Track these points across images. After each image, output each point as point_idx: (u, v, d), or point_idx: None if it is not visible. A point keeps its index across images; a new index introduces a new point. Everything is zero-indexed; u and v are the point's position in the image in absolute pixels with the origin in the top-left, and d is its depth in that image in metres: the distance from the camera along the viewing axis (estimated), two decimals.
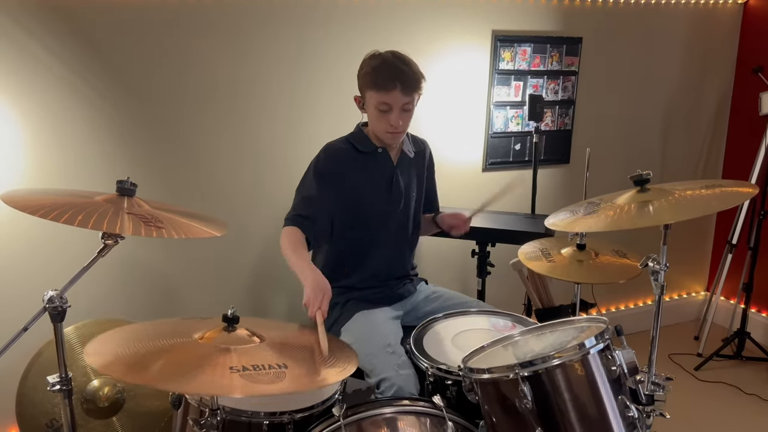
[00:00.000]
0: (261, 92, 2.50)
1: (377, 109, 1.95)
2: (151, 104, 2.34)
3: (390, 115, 1.95)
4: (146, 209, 1.53)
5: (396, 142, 2.09)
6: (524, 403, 1.38)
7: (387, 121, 1.96)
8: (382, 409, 1.53)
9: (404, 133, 2.06)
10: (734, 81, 3.59)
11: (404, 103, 1.94)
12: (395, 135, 2.01)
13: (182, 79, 2.37)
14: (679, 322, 3.81)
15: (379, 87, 1.92)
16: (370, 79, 1.94)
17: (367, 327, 1.99)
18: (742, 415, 2.87)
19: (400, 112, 1.94)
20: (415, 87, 1.95)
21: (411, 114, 2.00)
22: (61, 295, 1.42)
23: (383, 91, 1.92)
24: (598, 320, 1.56)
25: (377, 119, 1.98)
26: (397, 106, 1.93)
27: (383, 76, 1.92)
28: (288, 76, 2.53)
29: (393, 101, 1.92)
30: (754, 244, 3.27)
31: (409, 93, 1.93)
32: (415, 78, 1.95)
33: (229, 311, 1.44)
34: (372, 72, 1.94)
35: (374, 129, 2.04)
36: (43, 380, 1.51)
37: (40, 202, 1.42)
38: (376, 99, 1.94)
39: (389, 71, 1.92)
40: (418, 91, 1.98)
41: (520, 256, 2.13)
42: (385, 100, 1.93)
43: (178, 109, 2.39)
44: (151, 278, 2.47)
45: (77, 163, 2.28)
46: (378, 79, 1.92)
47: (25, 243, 2.25)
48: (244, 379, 1.22)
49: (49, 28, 2.14)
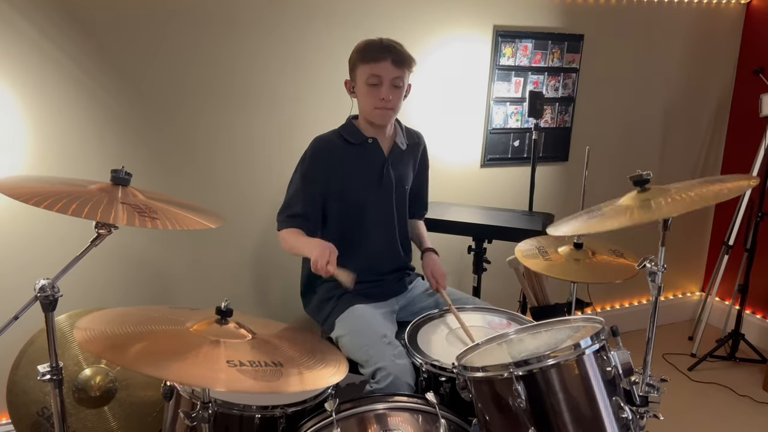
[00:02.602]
0: (258, 85, 2.48)
1: (367, 84, 1.95)
2: (148, 95, 2.32)
3: (380, 89, 1.94)
4: (141, 199, 1.52)
5: (385, 122, 2.04)
6: (518, 402, 1.37)
7: (377, 95, 1.95)
8: (375, 404, 1.52)
9: (394, 111, 2.02)
10: (735, 82, 3.58)
11: (394, 77, 1.94)
12: (384, 112, 1.99)
13: (181, 71, 2.35)
14: (674, 322, 3.81)
15: (370, 58, 1.94)
16: (361, 53, 1.97)
17: (363, 319, 1.98)
18: (735, 417, 2.88)
19: (390, 86, 1.95)
20: (406, 62, 1.97)
21: (401, 92, 1.99)
22: (52, 285, 1.40)
23: (373, 62, 1.93)
24: (594, 320, 1.55)
25: (366, 95, 1.98)
26: (387, 79, 1.94)
27: (374, 48, 1.96)
28: (284, 69, 2.51)
29: (383, 72, 1.93)
30: (751, 246, 3.27)
31: (399, 66, 1.94)
32: (406, 54, 1.98)
33: (223, 304, 1.43)
34: (363, 47, 1.98)
35: (363, 109, 2.03)
36: (35, 369, 1.49)
37: (33, 190, 1.40)
38: (366, 72, 1.95)
39: (380, 44, 1.96)
40: (408, 68, 1.98)
41: (517, 254, 2.12)
42: (376, 72, 1.93)
43: (175, 99, 2.36)
44: (145, 268, 2.46)
45: (73, 151, 2.26)
46: (369, 51, 1.95)
47: (18, 231, 2.23)
48: (228, 374, 1.21)
49: (48, 16, 2.12)
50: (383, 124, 2.06)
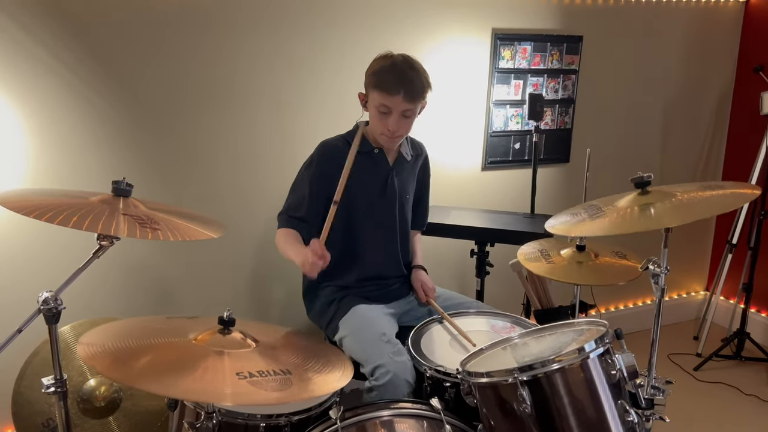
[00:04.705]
0: (258, 92, 2.48)
1: (378, 110, 1.95)
2: (147, 102, 2.33)
3: (389, 119, 1.94)
4: (142, 210, 1.52)
5: (391, 146, 2.08)
6: (523, 408, 1.37)
7: (385, 124, 1.95)
8: (380, 411, 1.52)
9: (401, 138, 2.05)
10: (735, 80, 3.57)
11: (405, 110, 1.93)
12: (391, 139, 2.00)
13: (179, 77, 2.35)
14: (679, 322, 3.81)
15: (382, 89, 1.91)
16: (376, 79, 1.94)
17: (362, 319, 1.99)
18: (741, 416, 2.87)
19: (399, 117, 1.94)
20: (419, 96, 1.94)
21: (411, 121, 1.99)
22: (55, 297, 1.40)
23: (386, 94, 1.91)
24: (598, 323, 1.54)
25: (377, 120, 1.98)
26: (397, 111, 1.93)
27: (389, 79, 1.91)
28: (285, 75, 2.51)
29: (394, 105, 1.92)
30: (755, 244, 3.26)
31: (411, 101, 1.92)
32: (420, 86, 1.94)
33: (225, 313, 1.43)
34: (379, 72, 1.94)
35: (373, 128, 2.03)
36: (39, 380, 1.49)
37: (34, 203, 1.40)
38: (378, 100, 1.93)
39: (396, 75, 1.91)
40: (421, 100, 1.97)
41: (519, 257, 2.12)
42: (386, 103, 1.92)
43: (174, 107, 2.37)
44: (146, 276, 2.46)
45: (74, 162, 2.26)
46: (383, 81, 1.92)
47: (21, 243, 2.23)
48: (239, 387, 1.20)
49: (46, 25, 2.12)
50: (390, 148, 2.09)
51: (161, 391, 1.16)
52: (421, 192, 2.30)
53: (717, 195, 1.61)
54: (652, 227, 1.52)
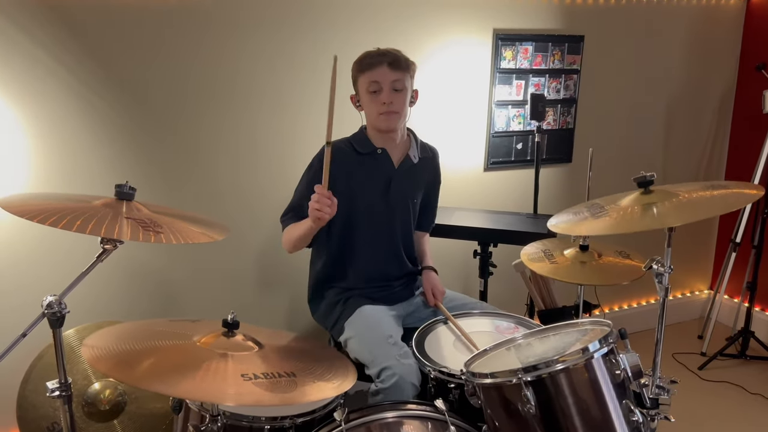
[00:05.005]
0: (259, 93, 2.48)
1: (368, 92, 1.97)
2: (149, 104, 2.33)
3: (381, 94, 1.95)
4: (145, 213, 1.52)
5: (391, 126, 2.01)
6: (527, 408, 1.37)
7: (378, 101, 1.96)
8: (385, 413, 1.52)
9: (399, 114, 1.99)
10: (737, 78, 3.57)
11: (393, 80, 1.95)
12: (389, 116, 1.98)
13: (181, 79, 2.35)
14: (683, 321, 3.80)
15: (366, 66, 1.96)
16: (358, 64, 2.00)
17: (369, 321, 1.99)
18: (746, 415, 2.86)
19: (390, 90, 1.95)
20: (403, 65, 1.97)
21: (403, 96, 1.99)
22: (59, 301, 1.40)
23: (370, 70, 1.95)
24: (602, 323, 1.54)
25: (369, 103, 1.99)
26: (387, 83, 1.95)
27: (369, 56, 1.98)
28: (286, 76, 2.51)
29: (381, 78, 1.94)
30: (758, 243, 3.26)
31: (396, 69, 1.95)
32: (403, 58, 1.99)
33: (230, 316, 1.43)
34: (360, 58, 2.00)
35: (370, 118, 2.04)
36: (44, 384, 1.49)
37: (37, 207, 1.40)
38: (366, 81, 1.96)
39: (375, 53, 1.98)
40: (407, 71, 1.99)
41: (523, 258, 2.12)
42: (374, 78, 1.95)
43: (176, 108, 2.37)
44: (150, 279, 2.46)
45: (75, 165, 2.26)
46: (365, 62, 1.97)
47: (25, 248, 2.24)
48: (243, 387, 1.20)
49: (45, 28, 2.13)
50: (390, 129, 2.03)
51: (165, 390, 1.16)
52: (430, 195, 2.29)
53: (720, 195, 1.61)
54: (655, 227, 1.52)
